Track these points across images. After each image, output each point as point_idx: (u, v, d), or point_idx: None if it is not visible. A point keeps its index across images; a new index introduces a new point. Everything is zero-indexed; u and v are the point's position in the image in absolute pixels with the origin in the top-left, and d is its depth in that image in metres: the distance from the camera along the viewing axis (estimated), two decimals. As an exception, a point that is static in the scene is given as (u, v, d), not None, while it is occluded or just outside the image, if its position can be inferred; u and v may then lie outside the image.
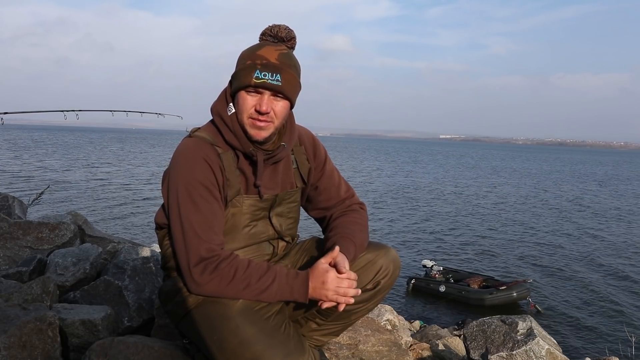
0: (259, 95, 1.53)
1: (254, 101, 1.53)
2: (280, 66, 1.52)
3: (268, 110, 1.52)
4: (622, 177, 55.96)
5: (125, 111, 4.64)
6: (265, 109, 1.52)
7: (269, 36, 1.59)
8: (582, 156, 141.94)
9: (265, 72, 1.50)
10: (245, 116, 1.55)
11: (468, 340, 2.59)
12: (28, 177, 27.07)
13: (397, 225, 19.86)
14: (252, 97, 1.53)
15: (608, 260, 15.42)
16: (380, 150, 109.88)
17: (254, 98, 1.54)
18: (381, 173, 45.15)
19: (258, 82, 1.50)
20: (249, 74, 1.51)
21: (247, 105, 1.54)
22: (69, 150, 55.48)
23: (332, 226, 1.77)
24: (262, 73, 1.50)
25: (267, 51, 1.53)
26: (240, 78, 1.53)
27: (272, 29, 1.58)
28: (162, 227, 1.65)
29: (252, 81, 1.50)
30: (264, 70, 1.50)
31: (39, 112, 4.14)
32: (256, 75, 1.50)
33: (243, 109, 1.54)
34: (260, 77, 1.50)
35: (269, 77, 1.50)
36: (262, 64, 1.51)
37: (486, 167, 61.92)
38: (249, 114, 1.54)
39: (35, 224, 2.99)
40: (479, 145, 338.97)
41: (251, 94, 1.53)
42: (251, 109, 1.54)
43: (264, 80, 1.50)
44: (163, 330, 2.10)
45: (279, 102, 1.55)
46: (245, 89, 1.53)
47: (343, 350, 2.25)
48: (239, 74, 1.54)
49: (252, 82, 1.51)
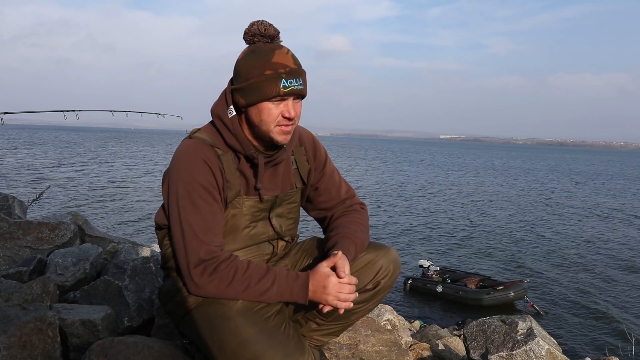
0: (283, 102, 1.53)
1: (279, 109, 1.53)
2: (299, 70, 1.53)
3: (295, 116, 1.54)
4: (625, 176, 56.02)
5: (125, 111, 4.64)
6: (294, 115, 1.53)
7: (259, 36, 1.56)
8: (582, 156, 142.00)
9: (291, 80, 1.51)
10: (272, 125, 1.54)
11: (468, 340, 2.59)
12: (28, 177, 27.05)
13: (393, 225, 19.82)
14: (276, 106, 1.53)
15: (608, 260, 15.41)
16: (380, 150, 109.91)
17: (278, 106, 1.53)
18: (380, 173, 45.14)
19: (287, 90, 1.51)
20: (274, 85, 1.50)
21: (274, 115, 1.53)
22: (69, 150, 55.47)
23: (332, 226, 1.77)
24: (288, 81, 1.50)
25: (281, 57, 1.52)
26: (264, 89, 1.51)
27: (258, 27, 1.55)
28: (162, 227, 1.65)
29: (281, 91, 1.50)
30: (290, 77, 1.51)
31: (39, 112, 4.14)
32: (283, 84, 1.50)
33: (269, 119, 1.53)
34: (287, 85, 1.50)
35: (295, 84, 1.51)
36: (286, 72, 1.50)
37: (485, 167, 61.95)
38: (276, 122, 1.54)
39: (35, 224, 2.99)
40: (479, 145, 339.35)
41: (275, 103, 1.53)
42: (278, 117, 1.53)
43: (292, 88, 1.51)
44: (163, 330, 2.10)
45: (298, 103, 1.57)
46: (271, 99, 1.52)
47: (343, 350, 2.25)
48: (261, 85, 1.51)
49: (281, 92, 1.50)
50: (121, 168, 36.81)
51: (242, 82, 1.54)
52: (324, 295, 1.48)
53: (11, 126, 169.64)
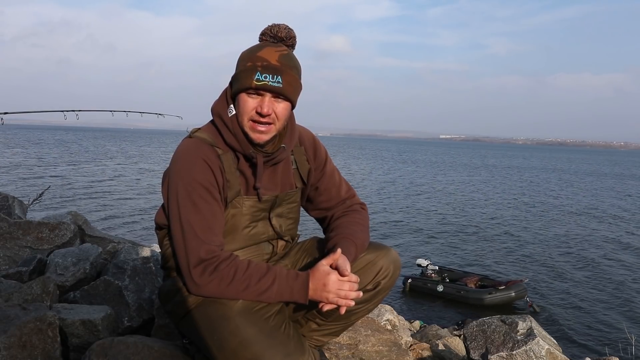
0: (260, 97, 1.53)
1: (255, 103, 1.53)
2: (281, 68, 1.51)
3: (269, 112, 1.52)
4: (627, 175, 56.00)
5: (125, 111, 4.65)
6: (266, 111, 1.51)
7: (268, 36, 1.58)
8: (583, 155, 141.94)
9: (266, 74, 1.50)
10: (245, 118, 1.54)
11: (468, 340, 2.59)
12: (28, 177, 27.04)
13: (393, 224, 19.84)
14: (253, 100, 1.53)
15: (608, 260, 15.41)
16: (380, 150, 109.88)
17: (255, 100, 1.53)
18: (379, 173, 45.13)
19: (259, 84, 1.50)
20: (249, 76, 1.50)
21: (248, 108, 1.53)
22: (69, 150, 55.45)
23: (333, 226, 1.77)
24: (262, 75, 1.49)
25: (268, 52, 1.52)
26: (241, 80, 1.52)
27: (271, 28, 1.58)
28: (162, 227, 1.65)
29: (253, 83, 1.50)
30: (265, 72, 1.50)
31: (39, 112, 4.15)
32: (257, 77, 1.49)
33: (244, 111, 1.54)
34: (261, 79, 1.49)
35: (269, 79, 1.50)
36: (262, 65, 1.50)
37: (483, 166, 61.92)
38: (249, 116, 1.53)
39: (35, 224, 2.99)
40: (479, 145, 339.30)
41: (252, 96, 1.53)
42: (252, 111, 1.53)
43: (265, 83, 1.50)
44: (163, 330, 2.10)
45: (280, 103, 1.55)
46: (246, 91, 1.52)
47: (343, 350, 2.25)
48: (240, 75, 1.53)
49: (253, 85, 1.50)
50: (121, 168, 36.80)
51: (234, 73, 1.58)
52: (325, 293, 1.48)
53: (11, 126, 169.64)
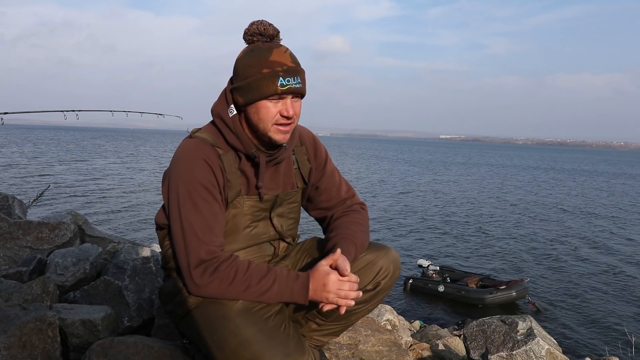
0: (282, 101, 1.54)
1: (277, 107, 1.54)
2: (297, 68, 1.54)
3: (294, 114, 1.54)
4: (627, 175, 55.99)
5: (125, 111, 4.64)
6: (292, 113, 1.53)
7: (259, 35, 1.57)
8: (583, 155, 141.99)
9: (288, 78, 1.51)
10: (270, 124, 1.54)
11: (468, 340, 2.59)
12: (28, 177, 27.05)
13: (392, 224, 19.84)
14: (274, 104, 1.53)
15: (608, 260, 15.41)
16: (379, 150, 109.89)
17: (276, 104, 1.54)
18: (378, 173, 45.13)
19: (284, 89, 1.51)
20: (272, 83, 1.50)
21: (271, 114, 1.53)
22: (69, 150, 55.47)
23: (332, 226, 1.77)
24: (285, 79, 1.51)
25: (279, 55, 1.53)
26: (262, 88, 1.51)
27: (258, 27, 1.56)
28: (162, 227, 1.65)
29: (278, 89, 1.51)
30: (287, 76, 1.51)
31: (39, 112, 4.14)
32: (281, 82, 1.50)
33: (267, 118, 1.54)
34: (285, 83, 1.51)
35: (292, 82, 1.52)
36: (283, 70, 1.51)
37: (481, 166, 61.92)
38: (274, 120, 1.54)
39: (35, 224, 2.99)
40: (479, 145, 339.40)
41: (274, 101, 1.53)
42: (276, 116, 1.54)
43: (289, 86, 1.51)
44: (163, 330, 2.10)
45: (297, 102, 1.57)
46: (269, 97, 1.53)
47: (343, 350, 2.25)
48: (259, 83, 1.51)
49: (279, 90, 1.51)
50: (121, 168, 36.80)
51: (240, 81, 1.55)
52: (325, 293, 1.48)
53: (11, 126, 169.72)
